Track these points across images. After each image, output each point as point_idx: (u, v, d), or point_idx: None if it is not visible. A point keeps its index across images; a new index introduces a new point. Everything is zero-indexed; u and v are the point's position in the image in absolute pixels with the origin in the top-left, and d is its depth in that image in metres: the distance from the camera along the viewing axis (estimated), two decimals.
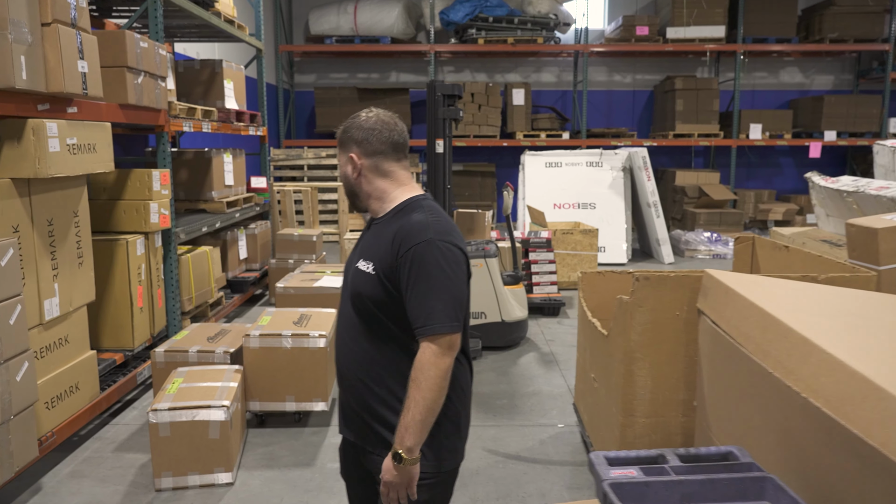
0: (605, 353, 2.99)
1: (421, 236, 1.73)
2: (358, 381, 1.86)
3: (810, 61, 13.07)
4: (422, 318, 1.70)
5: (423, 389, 1.68)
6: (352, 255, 1.93)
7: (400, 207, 1.85)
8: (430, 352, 1.69)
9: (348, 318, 1.88)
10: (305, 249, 6.70)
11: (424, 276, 1.70)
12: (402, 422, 1.71)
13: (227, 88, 6.12)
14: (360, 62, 12.75)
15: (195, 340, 3.96)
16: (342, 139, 1.90)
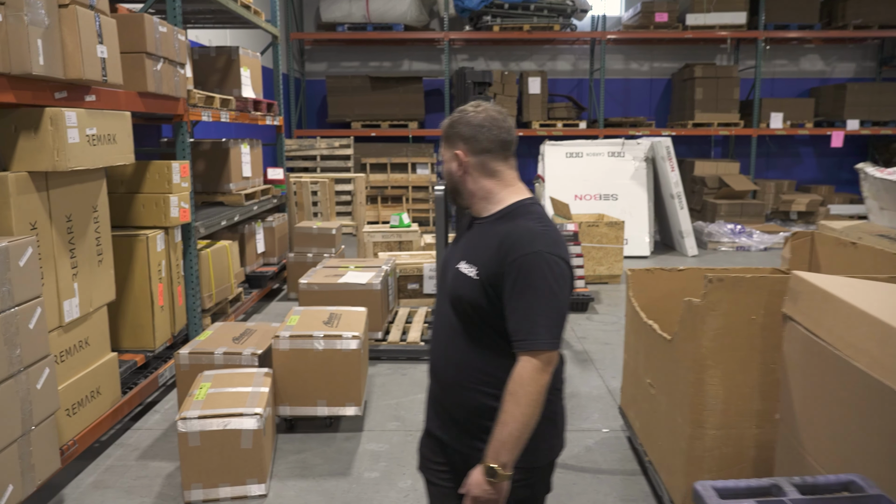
0: (669, 358, 2.79)
1: (530, 247, 1.67)
2: (455, 382, 1.81)
3: (832, 48, 12.77)
4: (523, 332, 1.66)
5: (522, 405, 1.65)
6: (451, 253, 1.88)
7: (507, 211, 1.79)
8: (531, 367, 1.65)
9: (446, 317, 1.83)
10: (325, 243, 6.50)
11: (530, 288, 1.66)
12: (497, 436, 1.67)
13: (244, 76, 5.90)
14: (373, 50, 12.50)
15: (220, 341, 3.76)
16: (448, 134, 1.82)
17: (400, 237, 7.12)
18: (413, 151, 11.33)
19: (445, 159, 1.85)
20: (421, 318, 5.49)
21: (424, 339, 5.05)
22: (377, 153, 11.34)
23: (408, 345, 4.93)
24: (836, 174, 13.16)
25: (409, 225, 7.25)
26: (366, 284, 4.81)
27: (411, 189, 11.11)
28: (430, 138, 12.29)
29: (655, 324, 3.01)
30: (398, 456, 3.46)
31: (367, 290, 4.81)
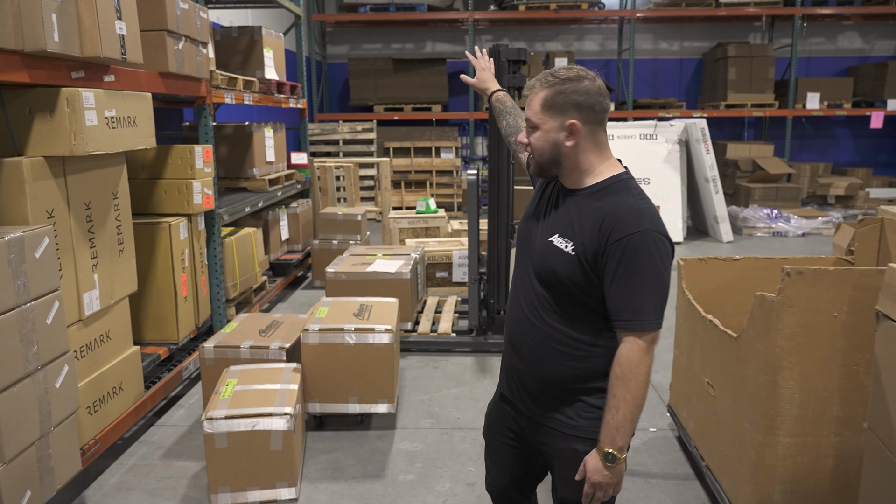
0: (734, 358, 2.56)
1: (636, 226, 1.62)
2: (535, 353, 1.80)
3: (870, 25, 12.29)
4: (629, 312, 1.64)
5: (633, 388, 1.64)
6: (535, 223, 1.82)
7: (605, 185, 1.71)
8: (638, 348, 1.64)
9: (529, 288, 1.80)
10: (350, 230, 6.31)
11: (636, 268, 1.62)
12: (610, 421, 1.67)
13: (267, 58, 5.70)
14: (395, 32, 12.24)
15: (246, 334, 3.59)
16: (556, 102, 1.69)
17: (427, 223, 6.91)
18: (437, 135, 11.09)
19: (547, 129, 1.71)
20: (451, 307, 5.29)
21: (456, 331, 4.85)
22: (400, 137, 11.11)
23: (439, 336, 4.73)
24: (874, 156, 12.71)
25: (435, 210, 7.03)
26: (395, 273, 4.62)
27: (435, 174, 10.88)
28: (453, 121, 12.03)
29: (715, 318, 2.78)
30: (434, 456, 3.28)
31: (396, 280, 4.61)
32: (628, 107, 11.42)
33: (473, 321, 4.72)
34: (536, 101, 1.72)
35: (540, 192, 1.88)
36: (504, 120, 2.27)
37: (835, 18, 12.12)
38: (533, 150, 1.76)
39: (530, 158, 1.80)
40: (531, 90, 1.74)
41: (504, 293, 4.74)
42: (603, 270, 1.65)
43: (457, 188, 10.89)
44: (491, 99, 2.32)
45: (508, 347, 1.90)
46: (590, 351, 1.73)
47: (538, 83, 1.73)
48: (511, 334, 1.88)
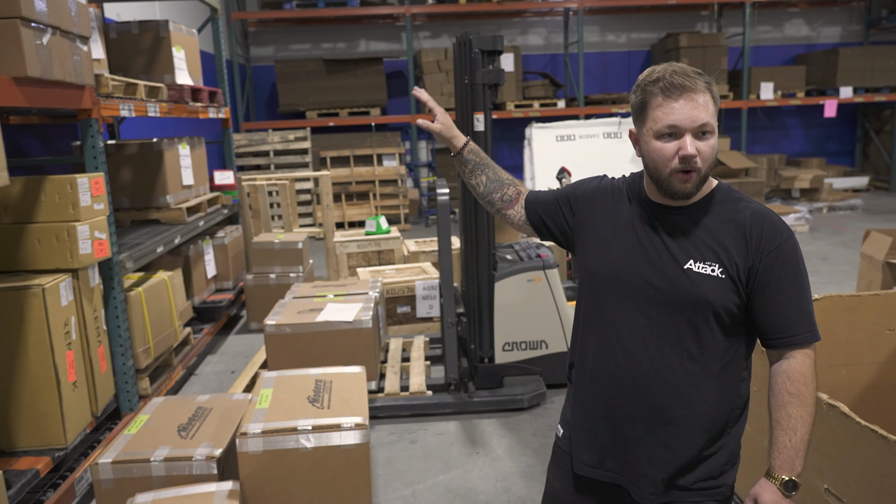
0: (889, 467, 1.75)
1: (781, 232, 1.50)
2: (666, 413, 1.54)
3: (817, 12, 12.01)
4: (799, 324, 1.49)
5: (809, 405, 1.50)
6: (639, 252, 1.56)
7: (716, 195, 1.56)
8: (811, 361, 1.51)
9: (663, 333, 1.53)
10: (290, 260, 5.33)
11: (795, 277, 1.50)
12: (788, 444, 1.49)
13: (178, 59, 4.66)
14: (325, 30, 11.22)
15: (159, 434, 2.60)
16: (715, 98, 1.47)
17: (379, 246, 5.99)
18: (378, 141, 10.14)
19: (713, 132, 1.49)
20: (420, 353, 4.39)
21: (431, 385, 3.95)
22: (338, 145, 10.11)
23: (412, 396, 3.82)
24: (825, 146, 12.47)
25: (387, 230, 6.12)
26: (353, 322, 3.69)
27: (378, 184, 9.93)
28: (394, 126, 11.11)
29: (847, 408, 1.97)
30: None
31: (355, 330, 3.69)
32: (579, 103, 10.75)
33: (452, 373, 3.83)
34: (710, 101, 1.47)
35: (611, 218, 1.62)
36: (483, 175, 1.86)
37: (782, 6, 11.78)
38: (703, 164, 1.47)
39: (690, 176, 1.47)
40: (689, 90, 1.44)
41: (489, 334, 3.88)
42: (757, 286, 1.51)
43: (402, 198, 9.97)
44: (463, 152, 1.85)
45: (610, 416, 1.61)
46: (736, 386, 1.57)
47: (697, 81, 1.45)
48: (620, 387, 1.59)
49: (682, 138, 1.45)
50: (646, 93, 1.49)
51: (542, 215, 1.78)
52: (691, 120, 1.44)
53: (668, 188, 1.50)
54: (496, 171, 1.88)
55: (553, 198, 1.78)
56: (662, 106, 1.46)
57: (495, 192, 1.85)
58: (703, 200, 1.55)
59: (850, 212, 9.70)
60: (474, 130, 3.66)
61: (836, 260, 6.95)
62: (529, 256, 4.01)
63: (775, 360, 1.54)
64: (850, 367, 2.57)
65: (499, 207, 1.86)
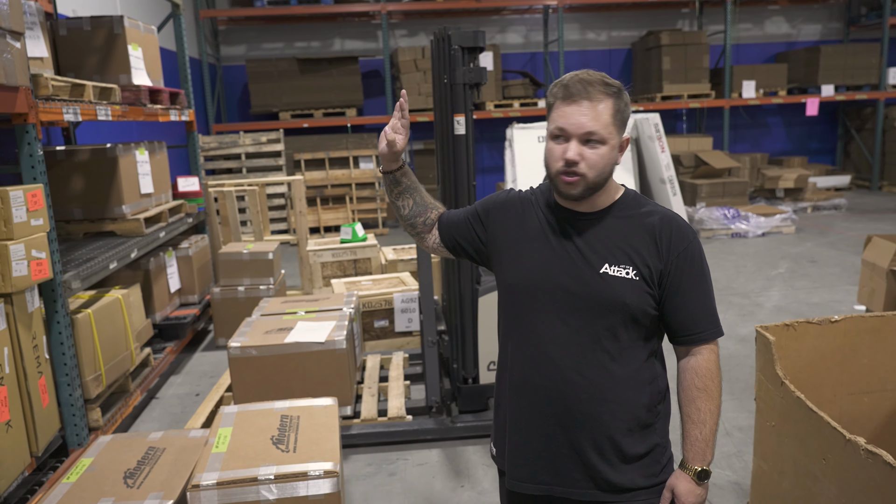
0: None
1: (687, 234, 1.57)
2: (595, 416, 1.56)
3: (797, 9, 11.90)
4: (705, 321, 1.58)
5: (716, 398, 1.58)
6: (555, 259, 1.58)
7: (627, 200, 1.61)
8: (715, 356, 1.60)
9: (579, 338, 1.55)
10: (259, 271, 5.01)
11: (700, 276, 1.58)
12: (698, 436, 1.57)
13: (134, 57, 4.33)
14: (298, 28, 10.88)
15: (103, 483, 2.29)
16: (624, 116, 1.52)
17: (355, 255, 5.69)
18: (354, 143, 9.83)
19: (613, 144, 1.52)
20: (399, 371, 4.11)
21: (411, 409, 3.67)
22: (312, 147, 9.78)
23: (390, 422, 3.53)
24: (807, 144, 12.38)
25: (364, 238, 5.82)
26: (325, 343, 3.39)
27: (355, 187, 9.61)
28: (371, 127, 10.79)
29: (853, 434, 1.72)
30: None
31: (328, 352, 3.39)
32: None
33: (434, 396, 3.55)
34: (606, 111, 1.49)
35: (522, 229, 1.65)
36: (411, 198, 1.82)
37: (762, 3, 11.66)
38: (589, 171, 1.50)
39: (574, 180, 1.51)
40: (583, 97, 1.48)
41: (472, 352, 3.60)
42: (668, 286, 1.56)
43: (380, 202, 9.66)
44: (397, 173, 1.78)
45: (552, 416, 1.59)
46: (654, 382, 1.62)
47: (595, 90, 1.48)
48: (555, 399, 1.58)
49: (568, 142, 1.49)
50: (552, 95, 1.54)
51: (456, 236, 1.78)
52: (578, 126, 1.47)
53: (556, 188, 1.56)
54: (423, 196, 1.84)
55: (463, 216, 1.78)
56: (558, 109, 1.50)
57: (419, 215, 1.82)
58: (611, 206, 1.60)
59: (834, 211, 9.58)
60: (455, 134, 3.38)
61: (826, 262, 6.78)
62: None
63: (682, 356, 1.61)
64: (873, 395, 2.33)
65: (419, 231, 1.84)
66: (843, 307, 5.34)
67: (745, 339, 4.75)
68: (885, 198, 10.62)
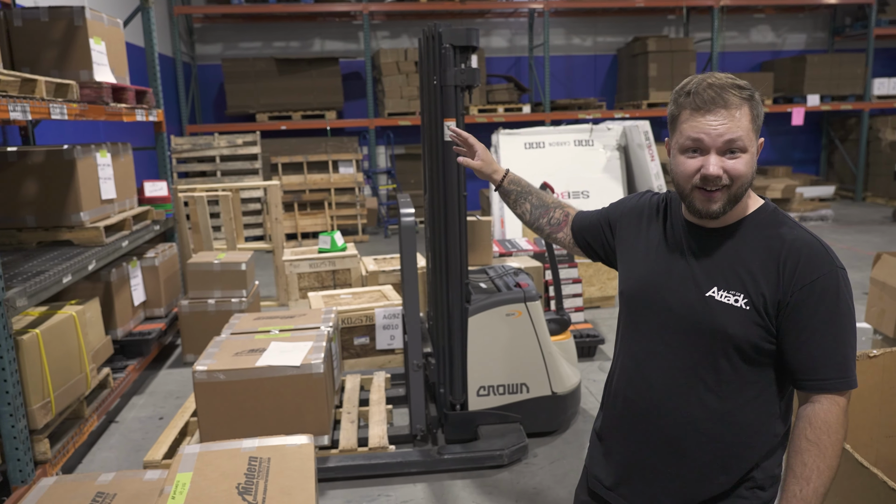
0: None
1: (826, 263, 1.36)
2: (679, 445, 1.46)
3: (782, 18, 11.83)
4: (830, 368, 1.36)
5: (829, 457, 1.36)
6: (668, 275, 1.47)
7: (759, 217, 1.44)
8: (840, 409, 1.37)
9: (680, 362, 1.44)
10: (231, 283, 4.69)
11: (833, 315, 1.36)
12: (797, 494, 1.35)
13: (96, 52, 4.00)
14: (277, 28, 10.54)
15: None
16: (760, 121, 1.39)
17: (334, 265, 5.39)
18: (333, 147, 9.52)
19: (753, 151, 1.39)
20: (380, 394, 3.82)
21: (394, 437, 3.38)
22: (290, 150, 9.45)
23: (371, 453, 3.24)
24: (791, 154, 12.30)
25: (343, 248, 5.53)
26: (301, 367, 3.10)
27: (334, 192, 9.30)
28: (351, 130, 10.49)
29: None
30: None
31: (304, 377, 3.09)
32: (545, 108, 10.33)
33: (419, 424, 3.27)
34: (744, 117, 1.36)
35: (642, 237, 1.57)
36: (527, 202, 1.88)
37: (748, 11, 11.56)
38: (735, 181, 1.36)
39: (714, 195, 1.37)
40: (718, 104, 1.34)
41: (461, 376, 3.33)
42: (787, 321, 1.37)
43: (360, 207, 9.36)
44: (503, 184, 1.90)
45: (628, 440, 1.53)
46: (765, 424, 1.44)
47: (730, 95, 1.34)
48: (635, 413, 1.52)
49: (706, 156, 1.37)
50: (677, 105, 1.42)
51: (588, 238, 1.76)
52: (716, 136, 1.35)
53: (690, 206, 1.43)
54: (539, 197, 1.88)
55: (596, 219, 1.75)
56: (689, 120, 1.38)
57: (541, 217, 1.85)
58: (740, 222, 1.45)
59: (821, 222, 9.47)
60: (445, 140, 3.11)
61: None
62: (507, 285, 3.47)
63: (802, 403, 1.43)
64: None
65: (548, 232, 1.86)
66: None
67: None
68: (870, 209, 10.55)
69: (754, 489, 1.47)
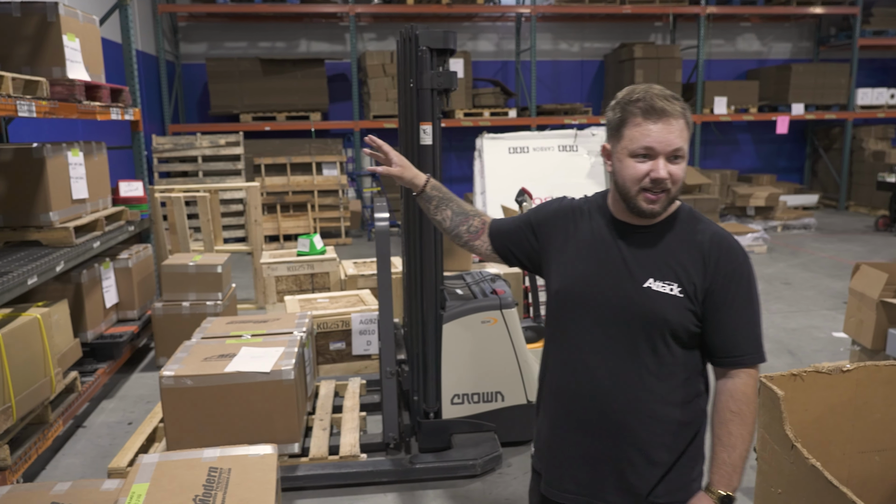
0: None
1: (738, 254, 1.56)
2: (627, 428, 1.57)
3: (768, 27, 11.89)
4: (747, 345, 1.55)
5: (748, 424, 1.55)
6: (600, 271, 1.59)
7: (679, 214, 1.60)
8: (754, 382, 1.56)
9: (621, 349, 1.57)
10: (206, 286, 4.61)
11: (748, 299, 1.55)
12: (727, 460, 1.54)
13: (70, 49, 3.93)
14: (263, 28, 10.46)
15: None
16: (689, 121, 1.51)
17: (312, 269, 5.32)
18: (317, 148, 9.45)
19: (685, 156, 1.53)
20: (354, 400, 3.76)
21: (366, 445, 3.32)
22: (274, 151, 9.37)
23: (342, 462, 3.18)
24: (775, 162, 12.35)
25: (322, 251, 5.46)
26: (271, 373, 3.04)
27: (317, 194, 9.23)
28: (336, 132, 10.43)
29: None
30: None
31: (273, 384, 3.03)
32: (531, 113, 10.31)
33: (391, 432, 3.21)
34: (684, 126, 1.51)
35: (572, 238, 1.67)
36: (448, 209, 1.88)
37: (735, 20, 11.61)
38: (673, 185, 1.51)
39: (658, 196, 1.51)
40: (668, 114, 1.48)
41: (435, 384, 3.28)
42: (710, 305, 1.55)
43: (343, 210, 9.29)
44: (426, 189, 1.87)
45: (588, 425, 1.61)
46: (694, 401, 1.60)
47: (675, 107, 1.49)
48: (581, 405, 1.62)
49: (655, 160, 1.49)
50: (625, 111, 1.51)
51: (508, 244, 1.81)
52: (666, 143, 1.47)
53: (634, 206, 1.54)
54: (459, 204, 1.88)
55: (516, 225, 1.80)
56: (640, 126, 1.48)
57: (461, 224, 1.86)
58: (666, 220, 1.59)
59: (804, 231, 9.50)
60: (421, 143, 3.06)
61: (800, 285, 6.61)
62: (483, 292, 3.42)
63: (720, 378, 1.59)
64: (886, 454, 2.07)
65: (466, 240, 1.87)
66: (822, 333, 5.15)
67: None
68: (853, 218, 10.60)
69: (689, 464, 1.61)
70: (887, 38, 11.09)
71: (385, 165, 1.90)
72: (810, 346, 4.91)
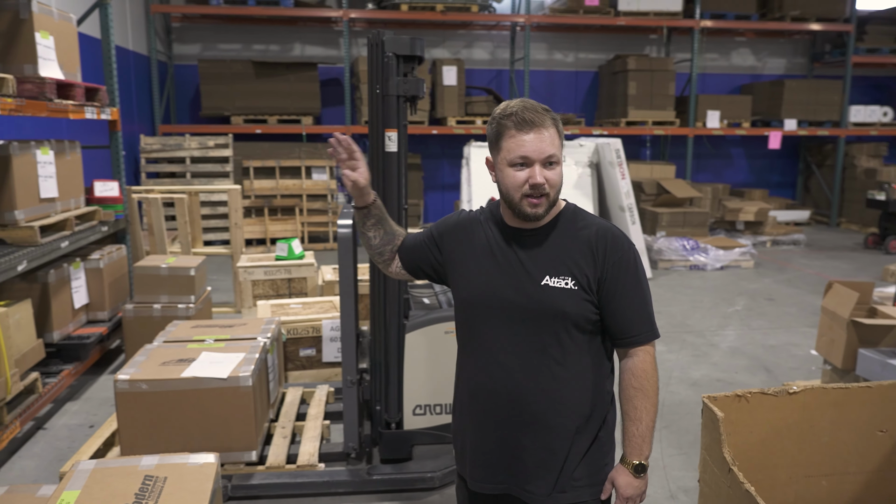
0: None
1: (622, 243, 1.69)
2: (544, 417, 1.69)
3: (763, 42, 11.89)
4: (641, 324, 1.69)
5: (651, 396, 1.69)
6: (499, 274, 1.70)
7: (565, 214, 1.73)
8: (651, 357, 1.70)
9: (530, 345, 1.68)
10: (179, 288, 4.56)
11: (636, 282, 1.69)
12: (636, 433, 1.69)
13: (43, 46, 3.89)
14: (257, 30, 10.45)
15: None
16: (561, 133, 1.67)
17: (289, 273, 5.28)
18: (307, 152, 9.43)
19: (562, 164, 1.67)
20: (319, 408, 3.71)
21: (326, 454, 3.27)
22: (263, 154, 9.35)
23: (299, 471, 3.13)
24: (768, 177, 12.33)
25: (301, 255, 5.42)
26: (228, 379, 2.99)
27: (306, 198, 9.20)
28: (327, 136, 10.36)
29: None
30: None
31: (230, 389, 2.99)
32: None
33: (351, 442, 3.17)
34: (555, 136, 1.65)
35: (470, 248, 1.77)
36: (382, 229, 1.92)
37: (729, 34, 11.61)
38: (551, 188, 1.63)
39: (540, 201, 1.63)
40: (538, 124, 1.61)
41: (397, 394, 3.23)
42: (604, 293, 1.67)
43: (332, 215, 9.26)
44: (371, 206, 1.89)
45: (494, 430, 1.73)
46: (601, 384, 1.73)
47: (545, 117, 1.63)
48: (499, 402, 1.72)
49: (531, 168, 1.60)
50: (500, 125, 1.63)
51: (415, 259, 1.88)
52: (539, 152, 1.60)
53: (519, 211, 1.65)
54: (391, 225, 1.94)
55: (421, 240, 1.88)
56: (514, 138, 1.61)
57: (388, 244, 1.91)
58: (552, 221, 1.70)
59: (793, 246, 9.47)
60: (385, 151, 3.03)
61: (783, 301, 6.58)
62: (450, 302, 3.38)
63: (622, 358, 1.72)
64: (833, 478, 2.03)
65: (386, 258, 1.93)
66: (800, 351, 5.11)
67: (697, 384, 4.47)
68: (843, 235, 10.57)
69: (602, 445, 1.74)
70: (881, 55, 11.09)
71: (349, 169, 1.81)
72: (788, 363, 4.87)
